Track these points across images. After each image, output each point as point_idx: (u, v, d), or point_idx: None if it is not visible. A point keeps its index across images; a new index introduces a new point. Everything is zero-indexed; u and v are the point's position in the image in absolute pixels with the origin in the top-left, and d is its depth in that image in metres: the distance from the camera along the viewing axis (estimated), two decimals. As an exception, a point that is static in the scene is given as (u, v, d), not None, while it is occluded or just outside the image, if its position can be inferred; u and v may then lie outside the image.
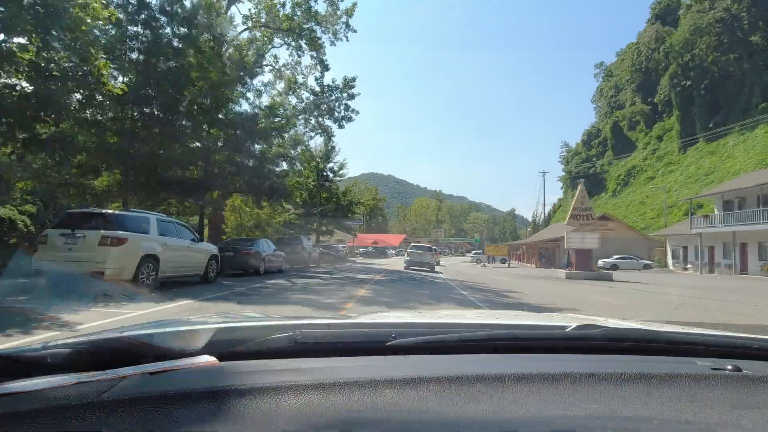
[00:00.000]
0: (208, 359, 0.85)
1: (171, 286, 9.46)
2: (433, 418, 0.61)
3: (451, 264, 41.21)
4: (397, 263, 32.52)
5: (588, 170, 69.70)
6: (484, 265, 37.47)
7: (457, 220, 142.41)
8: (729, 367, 0.84)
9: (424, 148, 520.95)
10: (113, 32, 13.80)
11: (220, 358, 0.86)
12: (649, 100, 67.29)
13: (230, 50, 18.69)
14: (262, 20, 21.75)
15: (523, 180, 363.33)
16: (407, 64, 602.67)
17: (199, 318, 1.36)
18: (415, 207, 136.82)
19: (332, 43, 22.16)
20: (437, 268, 24.14)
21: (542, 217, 63.38)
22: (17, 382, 0.73)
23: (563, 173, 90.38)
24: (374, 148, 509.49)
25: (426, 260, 22.83)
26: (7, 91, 9.79)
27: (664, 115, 63.09)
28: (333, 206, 34.23)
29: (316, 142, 31.69)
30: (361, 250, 55.94)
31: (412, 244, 29.34)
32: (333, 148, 34.46)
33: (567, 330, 1.07)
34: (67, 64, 10.48)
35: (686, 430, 0.59)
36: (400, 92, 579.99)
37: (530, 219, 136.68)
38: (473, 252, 52.01)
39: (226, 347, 0.91)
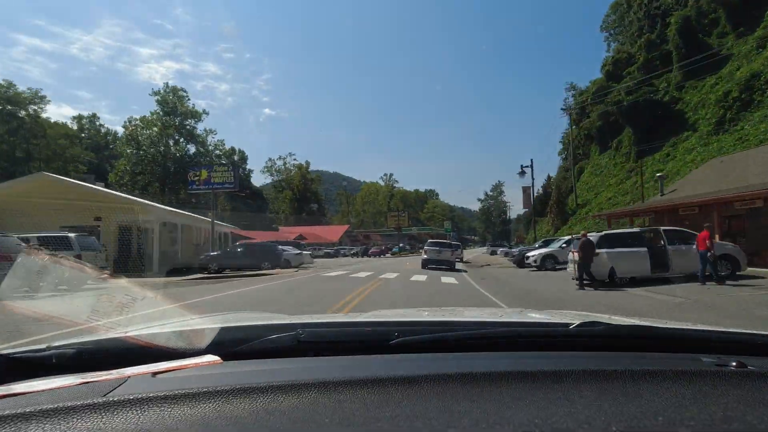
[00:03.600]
0: (211, 359, 0.87)
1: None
2: (437, 416, 0.60)
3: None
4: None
5: (649, 97, 41.25)
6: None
7: (413, 209, 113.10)
8: (733, 363, 0.83)
9: (370, 143, 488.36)
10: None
11: (224, 358, 0.88)
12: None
13: None
14: None
15: (478, 173, 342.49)
16: (347, 54, 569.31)
17: (202, 317, 1.34)
18: (362, 195, 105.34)
19: None
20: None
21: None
22: (23, 383, 0.75)
23: (563, 136, 63.24)
24: (318, 145, 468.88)
25: (445, 258, 20.32)
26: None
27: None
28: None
29: None
30: (240, 248, 22.65)
31: (429, 240, 24.68)
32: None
33: (570, 327, 1.07)
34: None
35: (691, 426, 0.58)
36: (344, 88, 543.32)
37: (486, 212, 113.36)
38: (555, 241, 21.65)
39: (230, 347, 0.92)
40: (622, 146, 43.60)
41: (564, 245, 19.21)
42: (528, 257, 20.38)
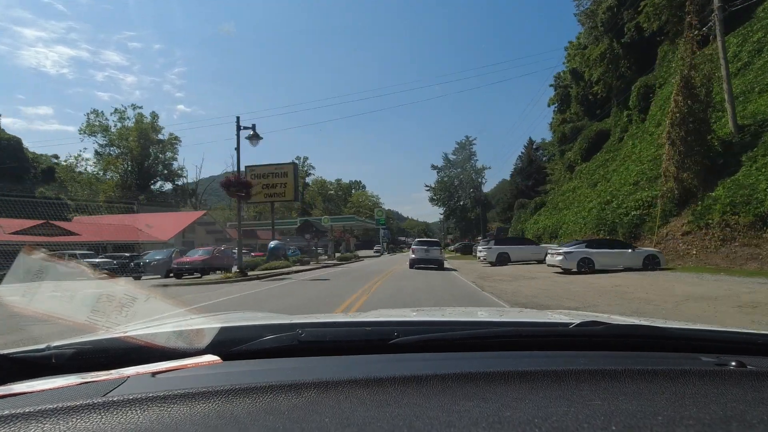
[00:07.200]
0: (211, 358, 0.88)
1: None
2: (436, 417, 0.60)
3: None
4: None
5: None
6: None
7: (334, 204, 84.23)
8: (733, 362, 0.84)
9: (298, 142, 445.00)
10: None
11: (224, 358, 0.89)
12: None
13: None
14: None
15: (409, 172, 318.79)
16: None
17: (202, 317, 1.34)
18: (264, 181, 71.67)
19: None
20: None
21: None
22: (22, 383, 0.75)
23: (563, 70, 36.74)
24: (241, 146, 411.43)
25: (434, 257, 19.94)
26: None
27: None
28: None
29: None
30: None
31: (416, 240, 24.56)
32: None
33: (570, 327, 1.08)
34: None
35: (691, 426, 0.57)
36: (268, 83, 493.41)
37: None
38: None
39: (230, 346, 0.93)
40: None
41: None
42: None
